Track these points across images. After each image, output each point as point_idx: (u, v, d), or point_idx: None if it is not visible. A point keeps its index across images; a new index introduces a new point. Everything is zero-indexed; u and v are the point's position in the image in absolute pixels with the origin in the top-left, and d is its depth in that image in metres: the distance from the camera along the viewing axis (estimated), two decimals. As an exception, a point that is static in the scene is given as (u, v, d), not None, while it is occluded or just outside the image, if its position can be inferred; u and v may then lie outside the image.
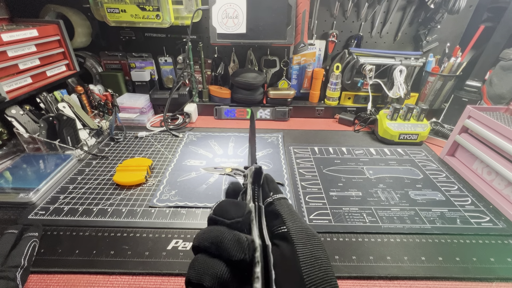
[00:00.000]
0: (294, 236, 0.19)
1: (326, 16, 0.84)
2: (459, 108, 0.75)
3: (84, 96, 0.77)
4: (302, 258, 0.17)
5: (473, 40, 0.79)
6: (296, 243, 0.18)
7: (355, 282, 0.39)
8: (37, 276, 0.39)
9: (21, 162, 0.61)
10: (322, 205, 0.52)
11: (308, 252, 0.18)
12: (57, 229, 0.46)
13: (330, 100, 0.89)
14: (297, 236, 0.19)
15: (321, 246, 0.19)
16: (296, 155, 0.69)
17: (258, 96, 0.86)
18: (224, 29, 0.74)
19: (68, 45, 0.77)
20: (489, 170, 0.57)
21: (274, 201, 0.22)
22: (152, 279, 0.39)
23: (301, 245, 0.18)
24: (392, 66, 0.81)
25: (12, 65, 0.62)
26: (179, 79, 0.85)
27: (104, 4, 0.71)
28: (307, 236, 0.19)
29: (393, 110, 0.74)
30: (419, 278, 0.39)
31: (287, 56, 0.89)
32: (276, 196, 0.22)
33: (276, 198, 0.22)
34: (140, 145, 0.72)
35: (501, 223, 0.49)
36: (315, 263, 0.17)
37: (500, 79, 0.72)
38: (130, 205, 0.51)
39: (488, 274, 0.40)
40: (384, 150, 0.72)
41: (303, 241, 0.19)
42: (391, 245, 0.44)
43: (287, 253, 0.18)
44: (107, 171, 0.61)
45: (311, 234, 0.19)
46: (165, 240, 0.44)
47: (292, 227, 0.20)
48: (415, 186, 0.58)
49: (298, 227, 0.20)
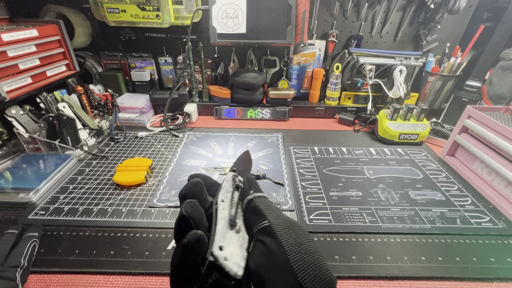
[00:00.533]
0: (275, 227, 0.19)
1: (326, 16, 0.84)
2: (459, 108, 0.75)
3: (84, 96, 0.77)
4: (287, 246, 0.18)
5: (473, 40, 0.79)
6: (278, 234, 0.19)
7: (355, 282, 0.39)
8: (37, 276, 0.39)
9: (21, 162, 0.61)
10: (322, 205, 0.52)
11: (291, 240, 0.18)
12: (57, 229, 0.46)
13: (330, 100, 0.89)
14: (279, 227, 0.19)
15: (304, 232, 0.19)
16: (296, 155, 0.68)
17: (258, 96, 0.86)
18: (224, 29, 0.74)
19: (68, 45, 0.77)
20: (489, 170, 0.57)
21: (254, 199, 0.23)
22: (152, 279, 0.39)
23: (284, 235, 0.19)
24: (392, 66, 0.81)
25: (12, 65, 0.62)
26: (179, 79, 0.85)
27: (104, 4, 0.71)
28: (288, 226, 0.19)
29: (393, 110, 0.74)
30: (419, 278, 0.39)
31: (287, 56, 0.89)
32: (256, 194, 0.23)
33: (256, 196, 0.23)
34: (140, 145, 0.72)
35: (501, 223, 0.49)
36: (299, 248, 0.18)
37: (500, 79, 0.72)
38: (130, 205, 0.51)
39: (488, 274, 0.40)
40: (384, 150, 0.72)
41: (285, 231, 0.19)
42: (391, 245, 0.44)
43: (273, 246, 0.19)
44: (107, 171, 0.61)
45: (292, 223, 0.20)
46: (165, 240, 0.44)
47: (273, 220, 0.20)
48: (415, 186, 0.58)
49: (278, 219, 0.20)
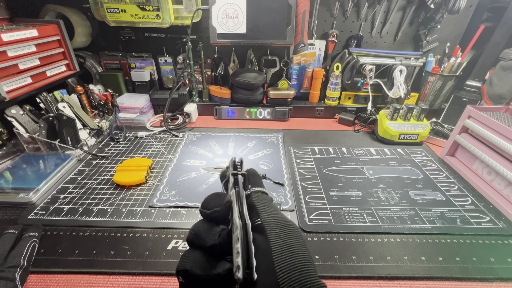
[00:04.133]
0: (267, 227, 0.19)
1: (326, 16, 0.84)
2: (459, 108, 0.75)
3: (84, 96, 0.77)
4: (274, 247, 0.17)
5: (473, 40, 0.79)
6: (269, 234, 0.18)
7: (355, 282, 0.39)
8: (37, 276, 0.39)
9: (21, 162, 0.61)
10: (322, 205, 0.52)
11: (280, 241, 0.18)
12: (57, 229, 0.46)
13: (330, 100, 0.89)
14: (271, 227, 0.19)
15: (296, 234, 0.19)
16: (296, 155, 0.68)
17: (258, 96, 0.86)
18: (224, 29, 0.74)
19: (68, 45, 0.77)
20: (489, 170, 0.57)
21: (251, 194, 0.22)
22: (152, 279, 0.39)
23: (273, 235, 0.18)
24: (392, 66, 0.81)
25: (12, 65, 0.62)
26: (179, 79, 0.85)
27: (104, 4, 0.71)
28: (281, 226, 0.19)
29: (393, 110, 0.74)
30: (419, 278, 0.39)
31: (287, 56, 0.88)
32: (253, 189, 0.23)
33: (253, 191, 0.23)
34: (140, 145, 0.72)
35: (501, 223, 0.49)
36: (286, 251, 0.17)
37: (500, 79, 0.72)
38: (130, 205, 0.51)
39: (488, 274, 0.40)
40: (384, 150, 0.72)
41: (277, 231, 0.19)
42: (391, 245, 0.44)
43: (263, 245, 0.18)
44: (107, 171, 0.61)
45: (285, 224, 0.19)
46: (165, 240, 0.44)
47: (266, 219, 0.20)
48: (415, 186, 0.58)
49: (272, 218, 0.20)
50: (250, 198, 0.22)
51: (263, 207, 0.21)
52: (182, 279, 0.19)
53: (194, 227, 0.21)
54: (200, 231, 0.20)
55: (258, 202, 0.21)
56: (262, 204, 0.21)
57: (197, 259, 0.19)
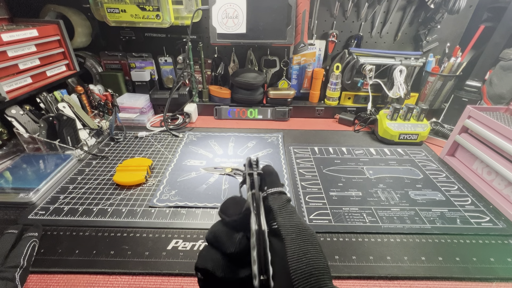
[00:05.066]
0: (283, 231, 0.19)
1: (326, 16, 0.84)
2: (459, 108, 0.75)
3: (84, 96, 0.77)
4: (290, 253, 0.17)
5: (473, 40, 0.79)
6: (285, 239, 0.18)
7: (355, 282, 0.39)
8: (37, 276, 0.39)
9: (21, 162, 0.61)
10: (322, 205, 0.52)
11: (296, 247, 0.18)
12: (57, 229, 0.46)
13: (330, 100, 0.89)
14: (287, 231, 0.19)
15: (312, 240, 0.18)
16: (296, 155, 0.68)
17: (258, 96, 0.86)
18: (224, 29, 0.74)
19: (68, 45, 0.77)
20: (489, 170, 0.57)
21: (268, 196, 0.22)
22: (152, 279, 0.39)
23: (289, 240, 0.18)
24: (392, 66, 0.81)
25: (12, 65, 0.62)
26: (179, 79, 0.85)
27: (104, 4, 0.71)
28: (298, 231, 0.19)
29: (393, 110, 0.74)
30: (419, 278, 0.39)
31: (287, 56, 0.88)
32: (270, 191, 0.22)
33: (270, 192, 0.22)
34: (140, 145, 0.72)
35: (501, 223, 0.49)
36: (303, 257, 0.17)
37: (500, 79, 0.72)
38: (130, 205, 0.51)
39: (488, 274, 0.40)
40: (384, 150, 0.72)
41: (293, 236, 0.18)
42: (391, 245, 0.44)
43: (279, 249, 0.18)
44: (107, 171, 0.61)
45: (303, 229, 0.19)
46: (165, 240, 0.44)
47: (282, 223, 0.19)
48: (415, 186, 0.58)
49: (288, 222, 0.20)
50: (267, 201, 0.22)
51: (279, 210, 0.20)
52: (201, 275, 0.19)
53: (214, 228, 0.21)
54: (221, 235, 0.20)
55: (274, 205, 0.21)
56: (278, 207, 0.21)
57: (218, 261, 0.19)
